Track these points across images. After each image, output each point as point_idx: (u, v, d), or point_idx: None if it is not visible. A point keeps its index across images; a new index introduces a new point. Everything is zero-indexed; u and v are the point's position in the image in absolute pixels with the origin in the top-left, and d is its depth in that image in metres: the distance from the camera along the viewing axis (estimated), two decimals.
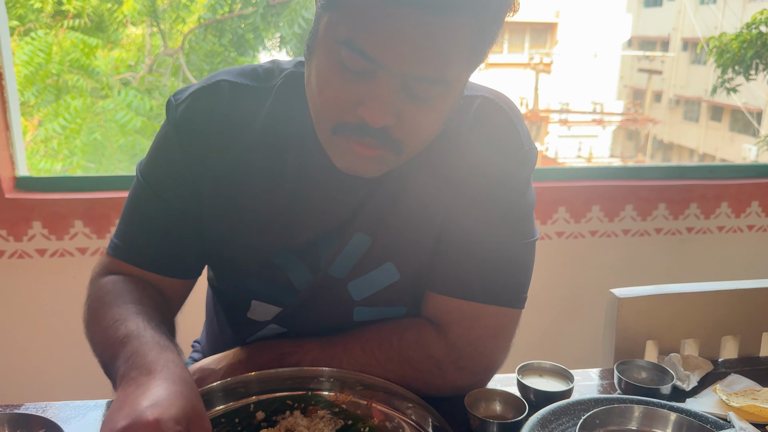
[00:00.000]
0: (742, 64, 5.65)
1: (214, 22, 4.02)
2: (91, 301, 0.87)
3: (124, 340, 0.74)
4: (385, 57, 0.69)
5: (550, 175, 2.20)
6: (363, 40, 0.69)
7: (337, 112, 0.74)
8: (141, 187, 0.89)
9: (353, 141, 0.75)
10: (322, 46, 0.73)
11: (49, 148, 4.06)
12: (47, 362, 2.02)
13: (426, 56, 0.69)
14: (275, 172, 0.86)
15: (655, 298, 1.07)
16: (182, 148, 0.87)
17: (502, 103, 0.88)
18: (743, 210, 2.30)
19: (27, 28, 4.11)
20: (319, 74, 0.74)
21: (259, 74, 0.89)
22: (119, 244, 0.90)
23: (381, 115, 0.71)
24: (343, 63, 0.71)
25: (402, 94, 0.72)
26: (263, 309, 0.93)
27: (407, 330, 0.89)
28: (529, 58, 15.34)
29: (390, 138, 0.75)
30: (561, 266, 2.22)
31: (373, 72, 0.71)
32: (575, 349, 2.14)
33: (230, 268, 0.93)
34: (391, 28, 0.67)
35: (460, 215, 0.87)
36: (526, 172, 0.89)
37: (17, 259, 1.92)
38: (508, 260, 0.88)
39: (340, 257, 0.88)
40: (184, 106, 0.87)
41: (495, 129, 0.87)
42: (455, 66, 0.73)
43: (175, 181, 0.88)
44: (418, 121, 0.75)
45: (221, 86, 0.87)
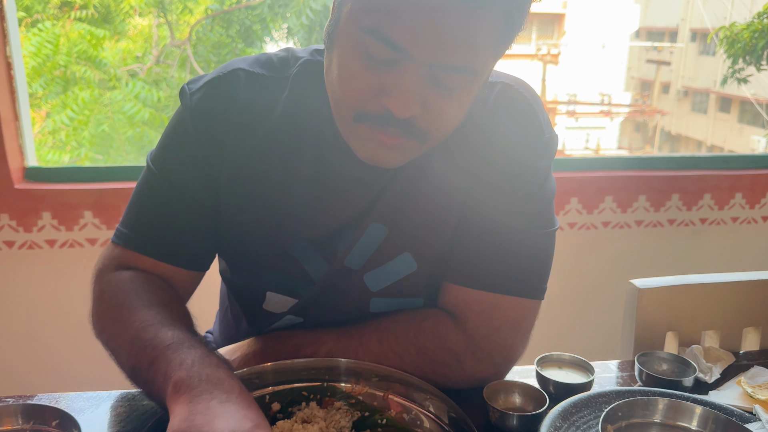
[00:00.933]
0: (754, 54, 5.59)
1: (221, 13, 4.00)
2: (105, 298, 0.84)
3: (171, 346, 0.71)
4: (413, 46, 0.67)
5: (563, 166, 2.18)
6: (390, 29, 0.66)
7: (359, 101, 0.72)
8: (152, 176, 0.87)
9: (376, 130, 0.73)
10: (344, 33, 0.71)
11: (57, 140, 4.06)
12: (58, 352, 2.02)
13: (454, 45, 0.67)
14: (292, 163, 0.85)
15: (676, 288, 1.05)
16: (197, 137, 0.85)
17: (523, 89, 0.86)
18: (758, 201, 2.27)
19: (34, 19, 4.10)
20: (341, 63, 0.72)
21: (274, 63, 0.87)
22: (128, 234, 0.87)
23: (407, 106, 0.69)
24: (368, 51, 0.69)
25: (428, 83, 0.70)
26: (279, 300, 0.92)
27: (425, 321, 0.88)
28: (537, 49, 15.24)
29: (414, 127, 0.73)
30: (574, 257, 2.20)
31: (399, 61, 0.68)
32: (592, 340, 2.12)
33: (246, 259, 0.91)
34: (419, 16, 0.65)
35: (479, 204, 0.85)
36: (547, 159, 0.87)
37: (27, 249, 1.91)
38: (528, 250, 0.86)
39: (357, 247, 0.87)
40: (200, 95, 0.85)
41: (515, 115, 0.85)
42: (483, 54, 0.71)
43: (189, 168, 0.86)
44: (444, 110, 0.73)
45: (238, 75, 0.85)
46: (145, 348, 0.73)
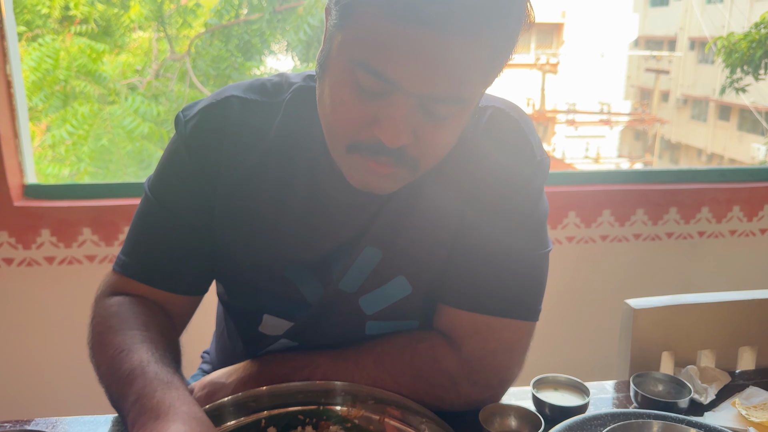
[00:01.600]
0: (751, 63, 5.61)
1: (220, 27, 4.02)
2: (96, 323, 0.86)
3: (129, 378, 0.73)
4: (402, 79, 0.67)
5: (560, 180, 2.18)
6: (379, 62, 0.67)
7: (351, 132, 0.73)
8: (150, 203, 0.88)
9: (368, 160, 0.74)
10: (335, 65, 0.72)
11: (57, 153, 4.07)
12: (56, 372, 2.02)
13: (444, 77, 0.68)
14: (286, 187, 0.86)
15: (671, 308, 1.05)
16: (192, 164, 0.86)
17: (514, 113, 0.87)
18: (755, 213, 2.27)
19: (35, 34, 4.13)
20: (332, 93, 0.73)
21: (267, 89, 0.88)
22: (126, 261, 0.89)
23: (397, 136, 0.70)
24: (358, 83, 0.70)
25: (418, 113, 0.71)
26: (275, 323, 0.92)
27: (420, 343, 0.88)
28: (536, 58, 15.29)
29: (406, 156, 0.74)
30: (573, 271, 2.20)
31: (389, 92, 0.69)
32: (589, 357, 2.11)
33: (242, 282, 0.92)
34: (408, 49, 0.66)
35: (473, 226, 0.86)
36: (539, 181, 0.88)
37: (26, 267, 1.91)
38: (522, 272, 0.87)
39: (351, 271, 0.87)
40: (194, 122, 0.86)
41: (507, 139, 0.86)
42: (472, 84, 0.71)
43: (185, 195, 0.87)
44: (435, 139, 0.74)
45: (231, 102, 0.86)
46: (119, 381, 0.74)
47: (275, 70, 4.61)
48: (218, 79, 4.08)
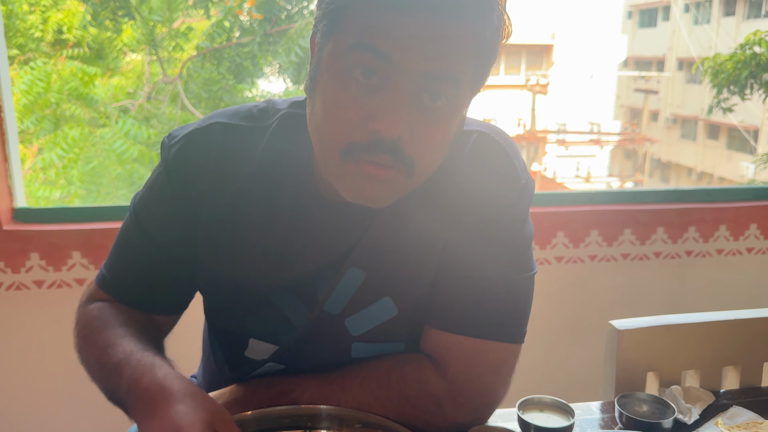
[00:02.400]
0: (737, 84, 5.70)
1: (211, 50, 4.05)
2: (80, 327, 0.90)
3: (117, 369, 0.77)
4: (397, 53, 0.70)
5: (548, 200, 2.20)
6: (374, 39, 0.70)
7: (347, 132, 0.73)
8: (133, 223, 0.91)
9: (364, 162, 0.74)
10: (328, 69, 0.74)
11: (48, 176, 4.07)
12: (46, 395, 2.00)
13: (436, 50, 0.71)
14: (271, 211, 0.86)
15: (655, 329, 1.06)
16: (174, 191, 0.87)
17: (498, 137, 0.89)
18: (742, 233, 2.29)
19: (27, 57, 4.15)
20: (326, 98, 0.75)
21: (254, 114, 0.89)
22: (107, 277, 0.93)
23: (395, 124, 0.71)
24: (354, 77, 0.72)
25: (413, 105, 0.73)
26: (261, 347, 0.93)
27: (406, 366, 0.88)
28: (526, 79, 15.44)
29: (402, 154, 0.74)
30: (561, 291, 2.21)
31: (384, 82, 0.71)
32: (576, 375, 2.12)
33: (227, 307, 0.93)
34: (402, 28, 0.69)
35: (459, 249, 0.87)
36: (524, 204, 0.89)
37: (15, 291, 1.91)
38: (508, 294, 0.88)
39: (335, 292, 0.88)
40: (176, 148, 0.87)
41: (492, 163, 0.87)
42: (462, 68, 0.74)
43: (166, 222, 0.89)
44: (429, 136, 0.75)
45: (215, 128, 0.87)
46: (102, 372, 0.81)
47: (267, 92, 4.64)
48: (210, 101, 4.11)
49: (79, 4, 4.33)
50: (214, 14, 4.08)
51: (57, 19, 4.45)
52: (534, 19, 16.67)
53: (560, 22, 17.25)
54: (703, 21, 16.12)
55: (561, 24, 17.24)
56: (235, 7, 4.01)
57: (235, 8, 4.01)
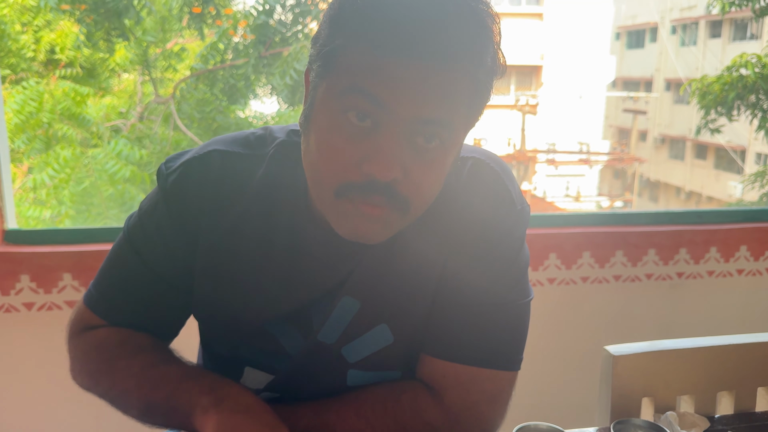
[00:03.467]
0: (725, 105, 5.78)
1: (205, 72, 4.07)
2: (92, 357, 0.89)
3: (185, 376, 0.83)
4: (391, 99, 0.70)
5: (540, 222, 2.21)
6: (368, 83, 0.70)
7: (341, 173, 0.74)
8: (126, 245, 0.90)
9: (359, 202, 0.74)
10: (322, 111, 0.74)
11: (39, 196, 4.05)
12: (35, 418, 1.97)
13: (430, 97, 0.71)
14: (267, 240, 0.86)
15: (650, 354, 1.07)
16: (171, 219, 0.87)
17: (494, 163, 0.89)
18: (732, 254, 2.31)
19: (19, 77, 4.14)
20: (320, 138, 0.75)
21: (251, 142, 0.89)
22: (97, 297, 0.91)
23: (389, 168, 0.71)
24: (348, 119, 0.72)
25: (407, 147, 0.73)
26: (257, 376, 0.92)
27: (402, 395, 0.88)
28: (516, 99, 15.58)
29: (397, 195, 0.74)
30: (554, 313, 2.21)
31: (378, 125, 0.71)
32: (571, 400, 2.11)
33: (222, 334, 0.92)
34: (395, 74, 0.70)
35: (456, 277, 0.87)
36: (520, 230, 0.89)
37: (4, 313, 1.88)
38: (505, 322, 0.88)
39: (329, 322, 0.87)
40: (174, 177, 0.87)
41: (488, 189, 0.87)
42: (457, 111, 0.74)
43: (161, 248, 0.88)
44: (423, 177, 0.75)
45: (212, 156, 0.87)
46: (157, 385, 0.83)
47: (260, 114, 4.65)
48: (203, 122, 4.11)
49: (72, 24, 4.35)
50: (209, 36, 4.11)
51: (50, 39, 4.45)
52: (523, 40, 16.88)
53: (549, 43, 17.46)
54: (690, 43, 16.38)
55: (550, 45, 17.46)
56: (228, 28, 4.03)
57: (228, 29, 4.03)
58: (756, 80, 5.60)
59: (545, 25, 17.56)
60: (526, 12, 17.55)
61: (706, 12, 6.78)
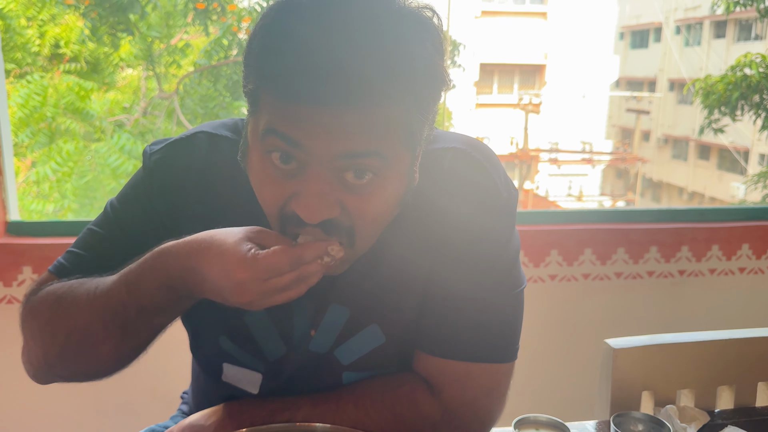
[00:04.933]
0: (728, 105, 5.77)
1: (209, 67, 4.07)
2: (36, 309, 0.84)
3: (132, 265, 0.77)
4: (307, 140, 0.68)
5: (542, 218, 2.21)
6: (283, 126, 0.69)
7: (276, 207, 0.74)
8: (106, 220, 0.88)
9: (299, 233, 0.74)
10: (252, 148, 0.75)
11: (42, 190, 4.06)
12: (37, 408, 1.98)
13: (348, 134, 0.68)
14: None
15: (650, 348, 1.07)
16: (155, 197, 0.86)
17: (475, 152, 0.85)
18: (734, 252, 2.31)
19: (23, 71, 4.15)
20: (252, 176, 0.76)
21: (239, 127, 0.88)
22: (65, 266, 0.86)
23: (316, 211, 0.70)
24: (272, 161, 0.71)
25: (337, 185, 0.71)
26: (237, 373, 0.91)
27: (401, 388, 0.88)
28: (519, 98, 15.57)
29: (336, 226, 0.73)
30: (555, 309, 2.21)
31: (303, 166, 0.70)
32: (570, 393, 2.11)
33: (201, 323, 0.91)
34: (308, 116, 0.67)
35: (444, 274, 0.85)
36: (507, 221, 0.86)
37: (6, 304, 1.89)
38: (497, 315, 0.86)
39: (320, 332, 0.87)
40: (159, 156, 0.86)
41: (470, 182, 0.84)
42: (384, 141, 0.70)
43: (144, 223, 0.86)
44: (364, 209, 0.73)
45: (198, 138, 0.86)
46: (112, 290, 0.77)
47: None
48: (206, 117, 4.12)
49: (76, 18, 4.36)
50: (213, 32, 4.11)
51: (54, 33, 4.46)
52: (527, 39, 16.86)
53: (553, 42, 17.44)
54: (694, 43, 16.34)
55: (554, 44, 17.43)
56: (232, 24, 4.03)
57: (232, 25, 4.03)
58: (760, 80, 5.59)
59: (549, 24, 17.51)
60: (530, 11, 17.51)
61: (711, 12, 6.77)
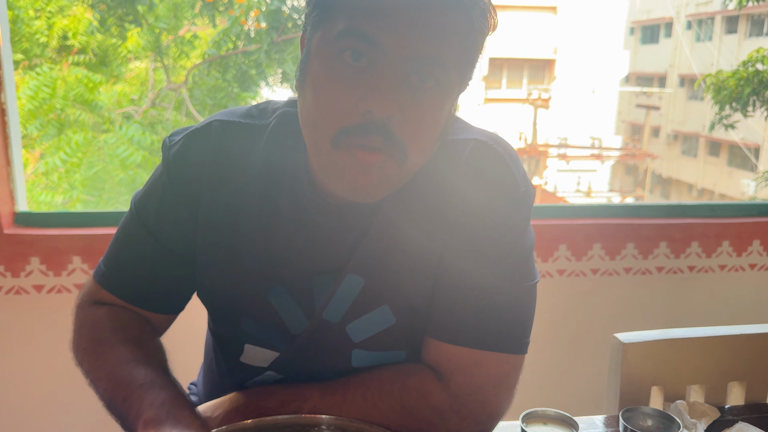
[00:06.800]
0: (740, 101, 5.73)
1: (218, 58, 4.07)
2: (84, 333, 0.91)
3: (144, 386, 0.80)
4: (386, 38, 0.72)
5: (551, 213, 2.20)
6: (364, 25, 0.72)
7: (338, 116, 0.74)
8: (133, 220, 0.91)
9: (356, 148, 0.74)
10: (317, 57, 0.76)
11: (50, 181, 4.07)
12: (44, 400, 1.99)
13: (424, 35, 0.72)
14: (270, 210, 0.86)
15: (660, 343, 1.06)
16: (174, 191, 0.88)
17: (496, 145, 0.87)
18: (744, 249, 2.29)
19: (33, 63, 4.17)
20: (316, 85, 0.76)
21: (252, 113, 0.90)
22: (105, 272, 0.93)
23: (385, 103, 0.72)
24: (343, 60, 0.73)
25: (403, 86, 0.74)
26: (257, 354, 0.92)
27: (409, 378, 0.87)
28: (528, 93, 15.51)
29: (394, 138, 0.74)
30: (563, 304, 2.20)
31: (373, 64, 0.73)
32: (579, 388, 2.10)
33: (224, 307, 0.92)
34: (389, 12, 0.71)
35: (457, 260, 0.85)
36: (523, 213, 0.87)
37: (14, 295, 1.90)
38: (509, 305, 0.86)
39: (334, 300, 0.87)
40: (176, 149, 0.88)
41: (490, 172, 0.85)
42: (450, 53, 0.75)
43: (166, 220, 0.89)
44: (419, 117, 0.75)
45: (213, 126, 0.88)
46: (120, 384, 0.81)
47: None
48: (215, 108, 4.13)
49: (84, 10, 4.36)
50: (220, 23, 4.11)
51: (62, 24, 4.47)
52: (537, 33, 16.77)
53: (563, 37, 17.34)
54: (705, 38, 16.21)
55: (563, 39, 17.33)
56: (240, 17, 4.03)
57: (240, 17, 4.03)
58: None
59: (559, 19, 17.42)
60: (540, 5, 17.42)
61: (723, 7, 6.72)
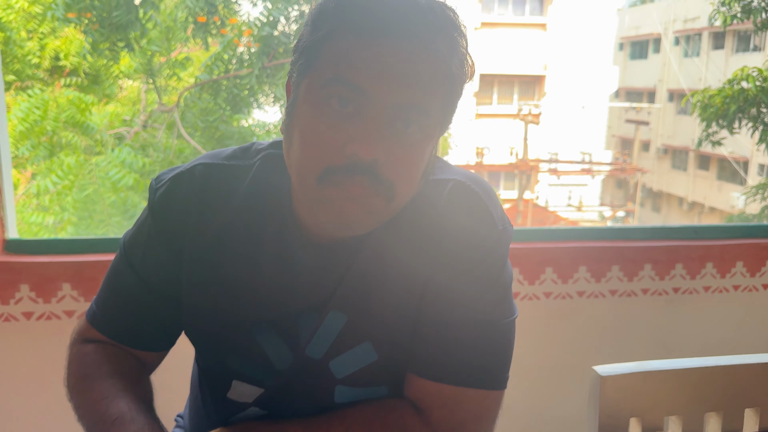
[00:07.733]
0: (726, 118, 5.81)
1: (209, 82, 4.10)
2: (74, 368, 0.93)
3: (116, 422, 0.82)
4: (371, 86, 0.75)
5: (537, 236, 2.22)
6: (350, 74, 0.75)
7: (325, 157, 0.77)
8: (122, 260, 0.94)
9: (342, 184, 0.77)
10: (304, 102, 0.79)
11: (42, 201, 4.07)
12: (33, 428, 1.98)
13: (409, 83, 0.76)
14: (254, 246, 0.88)
15: (638, 375, 1.08)
16: (158, 234, 0.91)
17: (474, 185, 0.89)
18: (728, 270, 2.31)
19: (24, 85, 4.18)
20: (303, 127, 0.78)
21: (236, 154, 0.93)
22: (97, 313, 0.96)
23: (371, 147, 0.75)
24: (332, 107, 0.76)
25: (387, 132, 0.76)
26: (244, 389, 0.94)
27: (390, 414, 0.89)
28: (518, 109, 15.61)
29: (380, 177, 0.77)
30: (550, 327, 2.22)
31: (360, 110, 0.76)
32: (561, 418, 2.11)
33: (211, 345, 0.94)
34: (375, 59, 0.75)
35: (437, 296, 0.87)
36: (503, 249, 0.89)
37: (3, 322, 1.90)
38: (489, 341, 0.88)
39: (317, 336, 0.89)
40: (161, 192, 0.91)
41: (468, 211, 0.88)
42: (433, 100, 0.79)
43: (152, 261, 0.92)
44: (404, 159, 0.78)
45: (196, 170, 0.90)
46: (99, 421, 0.84)
47: (262, 122, 4.68)
48: (206, 130, 4.15)
49: (76, 32, 4.39)
50: (213, 45, 4.14)
51: (54, 46, 4.50)
52: (527, 50, 16.92)
53: (552, 53, 17.50)
54: (693, 54, 16.42)
55: (553, 55, 17.49)
56: (233, 38, 4.06)
57: (233, 39, 4.06)
58: (757, 93, 5.62)
59: (549, 35, 17.60)
60: (530, 22, 17.60)
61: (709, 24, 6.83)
